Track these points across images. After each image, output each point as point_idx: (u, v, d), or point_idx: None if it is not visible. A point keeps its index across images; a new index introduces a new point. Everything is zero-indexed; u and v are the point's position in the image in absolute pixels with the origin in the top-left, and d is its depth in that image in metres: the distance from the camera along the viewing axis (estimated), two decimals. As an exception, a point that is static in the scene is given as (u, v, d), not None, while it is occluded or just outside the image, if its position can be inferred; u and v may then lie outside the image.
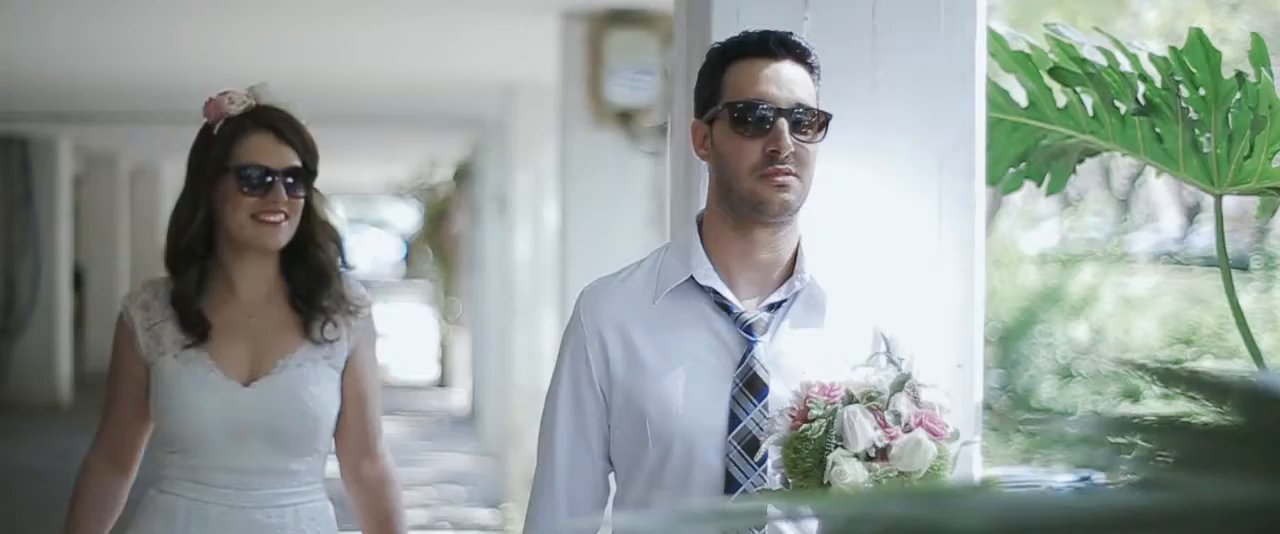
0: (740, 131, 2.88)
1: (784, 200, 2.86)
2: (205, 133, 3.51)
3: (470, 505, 11.52)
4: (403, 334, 20.94)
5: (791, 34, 2.95)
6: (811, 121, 2.89)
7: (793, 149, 2.85)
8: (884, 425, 2.59)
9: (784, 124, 2.86)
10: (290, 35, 9.69)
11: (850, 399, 2.62)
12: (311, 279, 3.53)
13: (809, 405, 2.64)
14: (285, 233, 3.49)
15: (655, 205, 8.22)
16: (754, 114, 2.87)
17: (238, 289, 3.53)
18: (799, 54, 2.94)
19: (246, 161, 3.47)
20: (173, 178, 22.11)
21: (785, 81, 2.90)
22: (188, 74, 11.01)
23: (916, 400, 2.62)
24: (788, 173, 2.85)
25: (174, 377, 3.48)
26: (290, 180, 3.48)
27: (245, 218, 3.47)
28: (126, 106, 13.73)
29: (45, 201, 16.59)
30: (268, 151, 3.48)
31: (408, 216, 27.97)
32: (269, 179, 3.47)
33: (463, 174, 16.93)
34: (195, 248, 3.51)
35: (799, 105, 2.88)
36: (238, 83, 3.52)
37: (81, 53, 10.48)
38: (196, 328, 3.49)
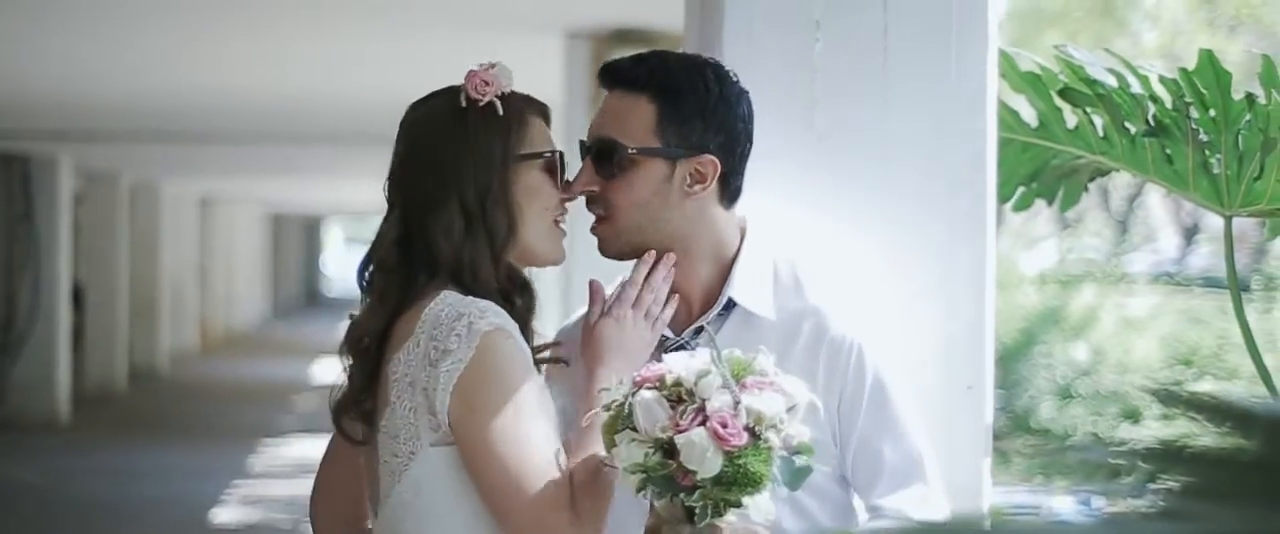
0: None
1: (601, 242, 2.77)
2: (479, 113, 2.62)
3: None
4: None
5: (650, 55, 2.79)
6: (608, 156, 2.70)
7: (591, 188, 2.72)
8: (673, 418, 2.44)
9: (587, 163, 2.72)
10: (291, 54, 9.69)
11: (662, 385, 2.48)
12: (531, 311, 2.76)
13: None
14: None
15: (658, 225, 8.22)
16: (582, 152, 2.77)
17: None
18: (629, 80, 2.73)
19: (550, 148, 2.67)
20: (172, 196, 22.13)
21: (601, 113, 2.76)
22: (188, 93, 11.00)
23: (737, 401, 2.42)
24: (596, 215, 2.75)
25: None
26: None
27: (550, 222, 2.69)
28: (127, 125, 13.73)
29: (45, 219, 16.58)
30: (551, 142, 2.70)
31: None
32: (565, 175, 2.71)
33: (462, 193, 16.91)
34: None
35: (598, 139, 2.72)
36: (238, 103, 3.19)
37: (83, 71, 10.48)
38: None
